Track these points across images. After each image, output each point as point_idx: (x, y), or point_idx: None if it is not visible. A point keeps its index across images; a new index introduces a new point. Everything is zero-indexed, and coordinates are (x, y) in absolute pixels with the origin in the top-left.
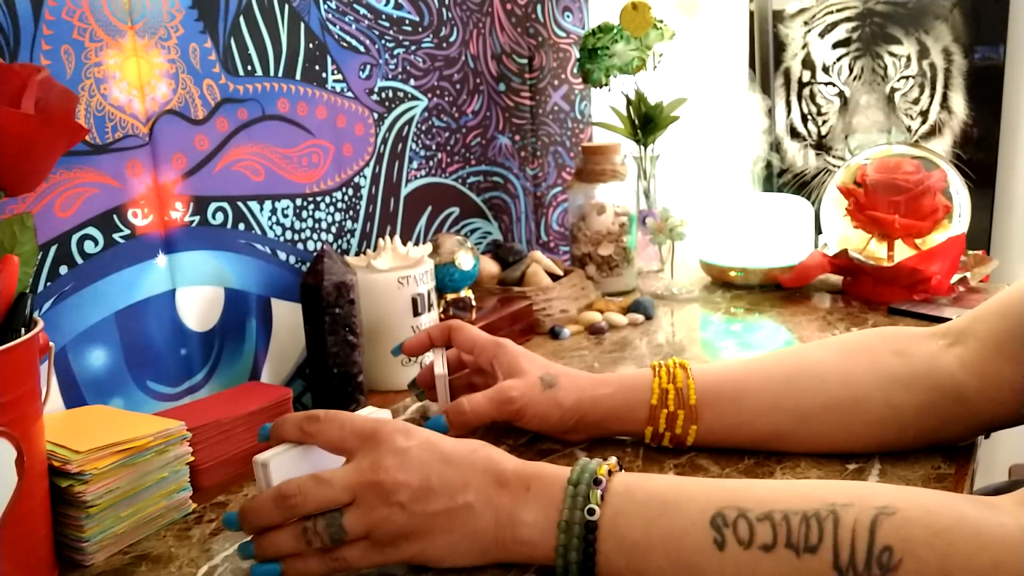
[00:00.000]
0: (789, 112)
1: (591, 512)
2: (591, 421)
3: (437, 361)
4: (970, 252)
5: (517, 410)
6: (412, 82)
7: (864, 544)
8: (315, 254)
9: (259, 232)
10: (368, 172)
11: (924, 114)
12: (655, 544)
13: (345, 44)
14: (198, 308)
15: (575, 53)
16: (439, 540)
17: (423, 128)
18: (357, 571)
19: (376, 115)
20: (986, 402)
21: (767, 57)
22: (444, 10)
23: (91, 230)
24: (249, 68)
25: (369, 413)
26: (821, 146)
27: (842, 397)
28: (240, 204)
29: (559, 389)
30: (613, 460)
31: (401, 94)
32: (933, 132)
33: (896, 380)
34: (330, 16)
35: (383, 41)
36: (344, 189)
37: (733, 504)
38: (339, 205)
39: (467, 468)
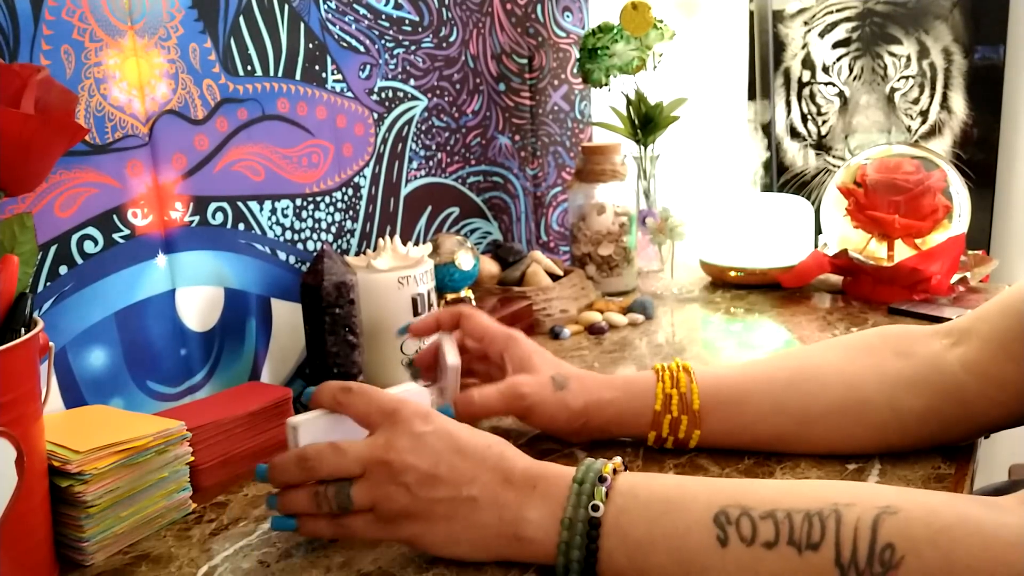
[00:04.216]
0: (789, 112)
1: (595, 508)
2: (596, 425)
3: (450, 352)
4: (970, 252)
5: (527, 407)
6: (412, 82)
7: (866, 542)
8: (315, 254)
9: (259, 232)
10: (368, 172)
11: (924, 114)
12: (658, 542)
13: (345, 44)
14: (198, 308)
15: (575, 53)
16: (439, 527)
17: (423, 128)
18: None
19: (376, 115)
20: (988, 402)
21: (767, 57)
22: (444, 10)
23: (91, 230)
24: (249, 68)
25: (405, 389)
26: (821, 146)
27: (845, 400)
28: (240, 204)
29: (569, 392)
30: (618, 460)
31: (401, 94)
32: (933, 132)
33: (899, 383)
34: (330, 16)
35: (383, 41)
36: (344, 189)
37: (736, 502)
38: (339, 205)
39: (478, 462)
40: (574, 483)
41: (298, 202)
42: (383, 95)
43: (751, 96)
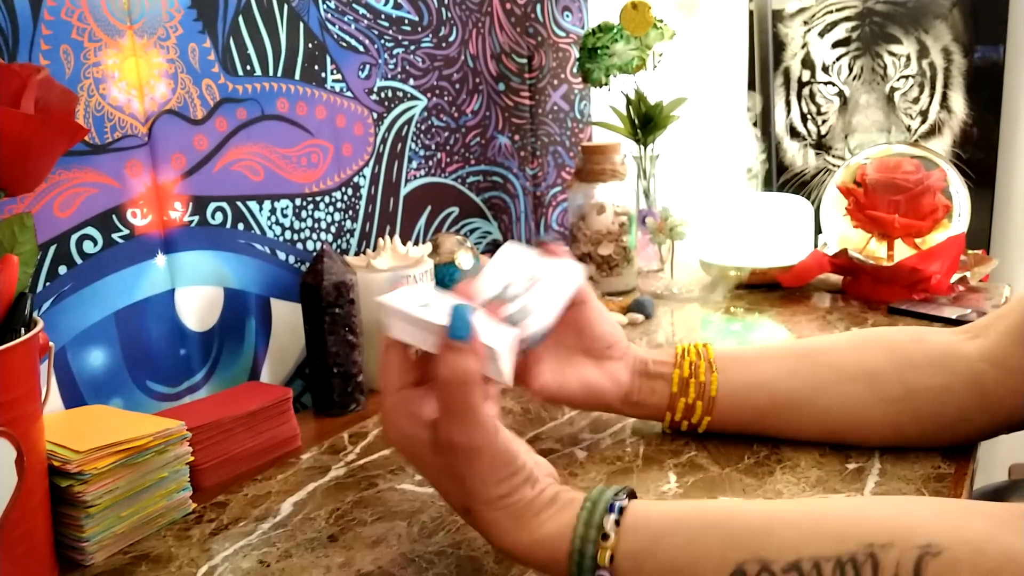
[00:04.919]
0: (789, 112)
1: None
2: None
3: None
4: (970, 252)
5: (622, 353)
6: (411, 82)
7: None
8: (315, 254)
9: (258, 232)
10: (367, 172)
11: (924, 114)
12: None
13: (344, 44)
14: (197, 308)
15: (575, 53)
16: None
17: (422, 128)
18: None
19: (375, 115)
20: (1006, 392)
21: (767, 57)
22: (443, 10)
23: (90, 230)
24: (248, 68)
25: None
26: (821, 146)
27: (858, 372)
28: (239, 204)
29: (626, 363)
30: (612, 521)
31: (400, 94)
32: (933, 132)
33: (912, 362)
34: (329, 16)
35: (382, 41)
36: (343, 189)
37: (755, 555)
38: (338, 205)
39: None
40: (572, 565)
41: (298, 202)
42: (382, 95)
43: (751, 89)
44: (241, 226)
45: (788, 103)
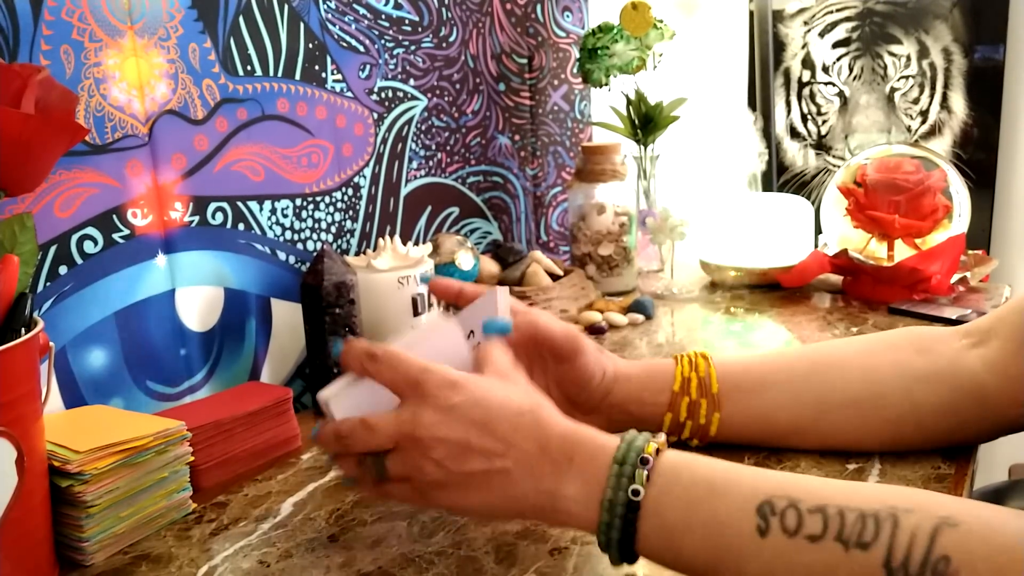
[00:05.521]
0: (789, 112)
1: (635, 493)
2: (616, 401)
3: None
4: (970, 252)
5: (578, 349)
6: (412, 82)
7: (922, 549)
8: (315, 254)
9: (259, 232)
10: (368, 172)
11: (924, 114)
12: (695, 527)
13: (345, 44)
14: (198, 308)
15: (575, 53)
16: (473, 496)
17: (423, 128)
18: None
19: (376, 115)
20: (1008, 402)
21: (767, 57)
22: (444, 10)
23: (91, 230)
24: (249, 68)
25: (432, 325)
26: (821, 146)
27: (863, 392)
28: (240, 204)
29: (605, 354)
30: (662, 438)
31: (401, 94)
32: (933, 132)
33: (918, 378)
34: (330, 16)
35: (383, 41)
36: (344, 189)
37: (784, 493)
38: (339, 205)
39: (510, 432)
40: (614, 463)
41: (298, 202)
42: (383, 95)
43: (751, 99)
44: (241, 226)
45: (788, 103)
